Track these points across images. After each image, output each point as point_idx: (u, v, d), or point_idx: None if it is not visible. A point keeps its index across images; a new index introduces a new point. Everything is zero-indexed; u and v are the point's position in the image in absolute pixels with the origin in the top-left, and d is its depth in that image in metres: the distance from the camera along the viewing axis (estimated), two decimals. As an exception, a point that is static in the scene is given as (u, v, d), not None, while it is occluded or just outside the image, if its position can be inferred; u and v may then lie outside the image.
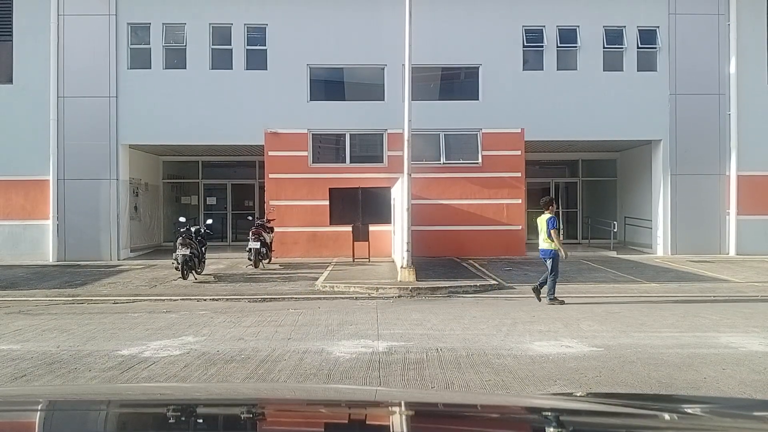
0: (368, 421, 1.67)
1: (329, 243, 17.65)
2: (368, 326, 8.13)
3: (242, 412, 1.76)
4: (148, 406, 1.78)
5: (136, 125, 17.77)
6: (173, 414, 1.68)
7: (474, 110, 18.08)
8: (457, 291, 11.21)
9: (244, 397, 2.01)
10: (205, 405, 1.82)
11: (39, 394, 2.22)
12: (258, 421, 1.64)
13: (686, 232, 18.19)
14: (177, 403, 1.81)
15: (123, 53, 17.82)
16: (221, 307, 10.11)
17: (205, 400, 1.92)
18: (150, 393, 2.16)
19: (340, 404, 1.87)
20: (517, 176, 17.92)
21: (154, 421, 1.64)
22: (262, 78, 17.95)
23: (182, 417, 1.67)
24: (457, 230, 17.71)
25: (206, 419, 1.70)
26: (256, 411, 1.75)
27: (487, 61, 18.18)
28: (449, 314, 9.10)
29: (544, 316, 8.89)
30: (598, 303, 10.26)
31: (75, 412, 1.68)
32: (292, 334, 7.66)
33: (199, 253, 13.50)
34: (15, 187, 17.64)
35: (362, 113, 18.02)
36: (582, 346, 6.90)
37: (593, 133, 18.50)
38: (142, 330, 8.06)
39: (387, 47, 17.61)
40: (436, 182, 17.59)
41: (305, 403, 1.88)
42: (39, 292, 11.82)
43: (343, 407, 1.80)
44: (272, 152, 17.88)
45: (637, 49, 18.45)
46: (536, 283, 10.47)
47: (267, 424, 1.62)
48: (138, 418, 1.68)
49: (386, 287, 11.30)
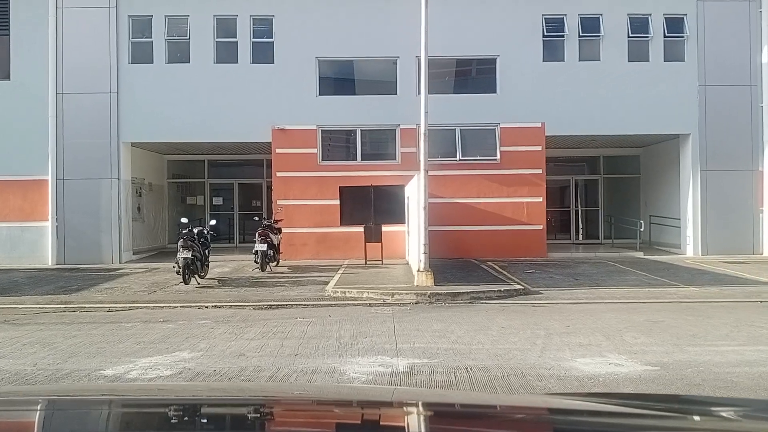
0: (365, 420, 1.65)
1: (340, 244, 16.79)
2: (385, 339, 7.25)
3: (252, 411, 1.70)
4: (152, 406, 1.74)
5: (137, 122, 16.99)
6: (179, 413, 1.65)
7: (491, 104, 17.15)
8: (480, 297, 10.30)
9: (253, 396, 1.95)
10: (211, 405, 1.77)
11: (39, 393, 2.23)
12: (269, 420, 1.60)
13: (717, 231, 17.17)
14: (182, 402, 1.78)
15: (124, 47, 17.05)
16: (223, 315, 9.27)
17: (210, 399, 1.87)
18: (154, 392, 2.17)
19: (350, 404, 1.84)
20: (538, 173, 16.97)
21: (159, 420, 1.61)
22: (268, 72, 17.12)
23: (187, 416, 1.64)
24: (474, 230, 16.79)
25: (213, 419, 1.65)
26: (266, 410, 1.70)
27: (504, 52, 17.25)
28: (474, 324, 8.20)
29: (581, 326, 7.98)
30: (635, 309, 9.32)
31: (75, 412, 1.65)
32: (299, 349, 6.79)
33: (202, 256, 12.67)
34: (12, 188, 16.91)
35: (374, 108, 17.15)
36: (634, 364, 5.99)
37: (617, 128, 17.50)
38: (132, 344, 7.23)
39: (399, 39, 16.72)
40: (452, 180, 16.67)
41: (316, 402, 1.84)
42: (30, 298, 11.03)
43: (351, 407, 1.78)
44: (280, 149, 17.05)
45: (664, 38, 17.46)
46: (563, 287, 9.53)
47: (278, 424, 1.59)
48: (142, 417, 1.65)
49: (402, 292, 10.41)
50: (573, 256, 17.43)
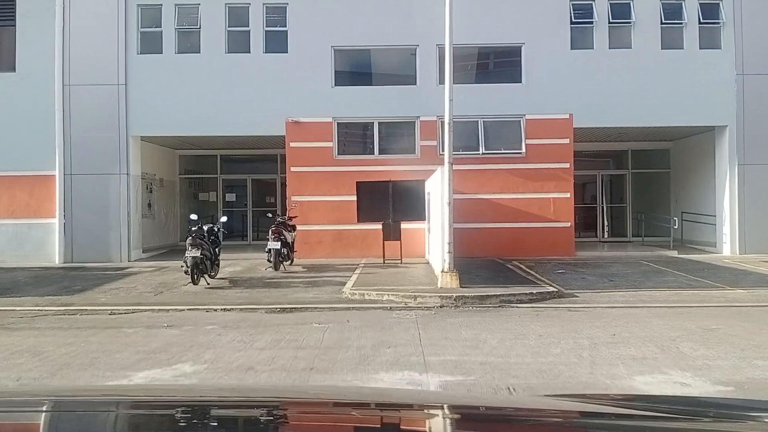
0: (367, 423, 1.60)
1: (357, 242, 16.03)
2: (410, 349, 6.47)
3: (265, 413, 1.60)
4: (160, 408, 1.68)
5: (146, 115, 16.34)
6: (188, 415, 1.57)
7: (516, 94, 16.27)
8: (510, 300, 9.48)
9: (266, 397, 1.88)
10: (220, 407, 1.72)
11: (39, 393, 2.23)
12: (284, 423, 1.55)
13: (756, 228, 16.16)
14: (189, 403, 1.71)
15: (132, 37, 16.40)
16: (233, 320, 8.56)
17: (219, 400, 1.81)
18: (162, 393, 2.12)
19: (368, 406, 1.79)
20: (565, 167, 16.08)
21: (168, 422, 1.55)
22: (282, 62, 16.38)
23: (194, 418, 1.56)
24: (497, 228, 15.94)
25: (222, 421, 1.59)
26: (281, 412, 1.65)
27: (530, 39, 16.35)
28: (508, 332, 7.40)
29: (627, 334, 7.14)
30: (683, 315, 8.46)
31: (76, 412, 1.60)
32: (315, 362, 6.05)
33: (212, 255, 11.98)
34: (19, 183, 16.34)
35: (392, 99, 16.35)
36: (702, 383, 5.16)
37: (649, 119, 16.54)
38: (131, 353, 6.53)
39: (419, 26, 15.96)
40: (475, 175, 15.82)
41: (333, 404, 1.79)
42: (30, 299, 10.39)
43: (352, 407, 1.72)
44: (294, 143, 16.32)
45: (699, 24, 16.47)
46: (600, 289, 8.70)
47: (295, 427, 1.53)
48: (149, 420, 1.58)
49: (425, 295, 9.63)
50: (602, 254, 16.53)
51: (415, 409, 1.69)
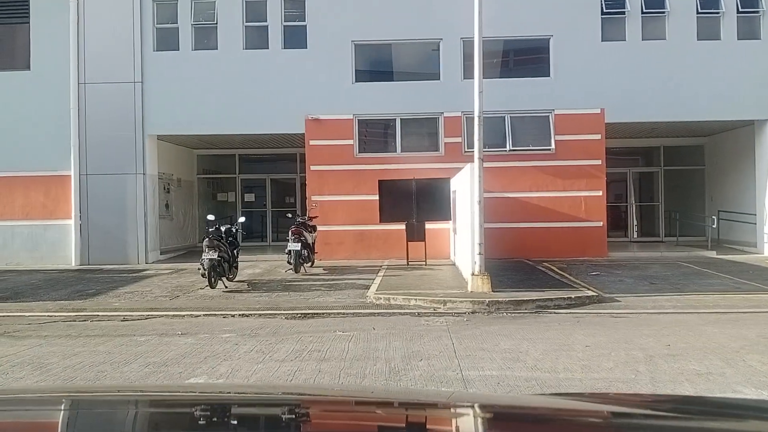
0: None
1: (379, 243, 15.46)
2: (445, 362, 5.88)
3: (287, 411, 1.60)
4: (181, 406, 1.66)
5: (163, 113, 15.92)
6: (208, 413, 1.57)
7: (545, 89, 15.57)
8: (547, 305, 8.84)
9: (290, 396, 1.87)
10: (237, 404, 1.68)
11: (40, 393, 2.23)
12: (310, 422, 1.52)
13: (800, 227, 15.32)
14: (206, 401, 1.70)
15: (148, 34, 15.99)
16: (251, 326, 8.03)
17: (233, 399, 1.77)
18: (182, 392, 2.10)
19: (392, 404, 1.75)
20: (597, 164, 15.36)
21: (190, 421, 1.52)
22: (301, 57, 15.85)
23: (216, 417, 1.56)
24: (526, 228, 15.27)
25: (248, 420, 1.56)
26: (305, 411, 1.63)
27: (559, 31, 15.64)
28: (549, 341, 6.77)
29: (683, 345, 6.48)
30: (739, 321, 7.76)
31: (77, 412, 1.57)
32: (341, 376, 5.48)
33: (230, 257, 11.49)
34: (35, 184, 16.01)
35: (414, 95, 15.75)
36: (786, 407, 4.51)
37: (685, 114, 15.74)
38: (140, 365, 6.02)
39: (442, 19, 15.36)
40: (502, 172, 15.11)
41: (355, 403, 1.76)
42: (40, 305, 9.96)
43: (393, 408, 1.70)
44: (314, 141, 15.80)
45: (737, 14, 15.64)
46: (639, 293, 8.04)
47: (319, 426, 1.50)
48: (170, 418, 1.55)
49: (456, 300, 9.02)
50: (636, 255, 15.77)
51: (416, 408, 1.67)
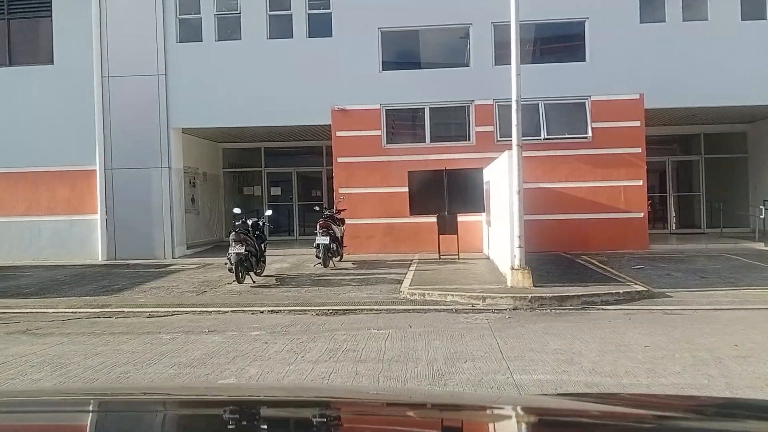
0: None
1: (409, 237, 15.00)
2: (492, 364, 5.40)
3: (318, 414, 1.56)
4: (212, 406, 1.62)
5: (187, 106, 15.64)
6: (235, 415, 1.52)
7: (580, 74, 14.91)
8: (594, 301, 8.29)
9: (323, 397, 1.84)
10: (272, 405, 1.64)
11: (40, 393, 2.24)
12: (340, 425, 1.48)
13: None
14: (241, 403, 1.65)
15: (171, 25, 15.70)
16: (281, 323, 7.64)
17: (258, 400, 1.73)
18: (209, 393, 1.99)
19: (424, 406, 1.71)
20: (637, 152, 14.67)
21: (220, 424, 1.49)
22: (326, 46, 15.43)
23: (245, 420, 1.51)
24: (562, 219, 14.66)
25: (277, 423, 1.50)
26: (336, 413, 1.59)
27: (595, 13, 14.96)
28: (603, 341, 6.24)
29: (752, 344, 5.90)
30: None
31: (78, 412, 1.55)
32: (380, 379, 5.04)
33: (257, 251, 11.14)
34: (60, 179, 15.87)
35: (443, 83, 15.21)
36: None
37: (729, 98, 14.91)
38: (165, 366, 5.65)
39: (471, 4, 14.82)
40: (536, 162, 14.47)
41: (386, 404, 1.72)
42: (65, 300, 9.73)
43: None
44: (340, 132, 15.37)
45: (785, -10, 14.79)
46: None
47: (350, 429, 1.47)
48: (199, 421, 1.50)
49: (495, 295, 8.52)
50: (680, 247, 15.03)
51: (417, 408, 1.66)
